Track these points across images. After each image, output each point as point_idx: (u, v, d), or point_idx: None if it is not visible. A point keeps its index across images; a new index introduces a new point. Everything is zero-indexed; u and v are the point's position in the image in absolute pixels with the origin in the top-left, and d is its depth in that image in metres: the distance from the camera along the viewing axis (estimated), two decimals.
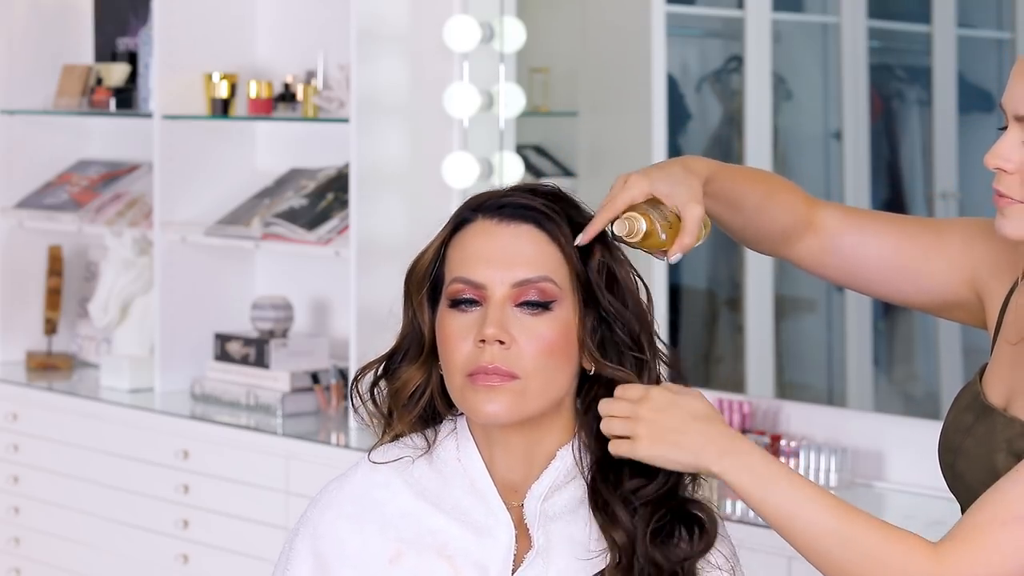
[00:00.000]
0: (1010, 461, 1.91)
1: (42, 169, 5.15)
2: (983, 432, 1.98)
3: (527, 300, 1.84)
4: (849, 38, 4.37)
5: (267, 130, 4.76)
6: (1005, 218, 1.90)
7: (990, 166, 1.90)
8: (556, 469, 1.87)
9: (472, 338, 1.83)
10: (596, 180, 4.44)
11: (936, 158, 4.33)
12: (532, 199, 1.88)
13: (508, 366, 1.82)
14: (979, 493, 1.94)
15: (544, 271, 1.84)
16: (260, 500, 4.09)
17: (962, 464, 2.01)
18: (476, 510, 1.87)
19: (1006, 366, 2.00)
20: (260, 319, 4.42)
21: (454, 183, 4.19)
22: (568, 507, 1.87)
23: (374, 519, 1.89)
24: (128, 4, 5.03)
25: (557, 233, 1.86)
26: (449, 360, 1.85)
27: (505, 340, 1.81)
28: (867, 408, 4.00)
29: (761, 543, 3.18)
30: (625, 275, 1.90)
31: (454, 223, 1.90)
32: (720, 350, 4.47)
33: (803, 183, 4.22)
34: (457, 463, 1.90)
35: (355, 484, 1.93)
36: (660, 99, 4.30)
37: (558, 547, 1.86)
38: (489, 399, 1.82)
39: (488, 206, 1.88)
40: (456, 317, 1.85)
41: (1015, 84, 1.89)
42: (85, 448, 4.53)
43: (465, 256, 1.86)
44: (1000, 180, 1.89)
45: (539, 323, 1.83)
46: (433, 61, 4.25)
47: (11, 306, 5.09)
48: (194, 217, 4.65)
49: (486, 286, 1.84)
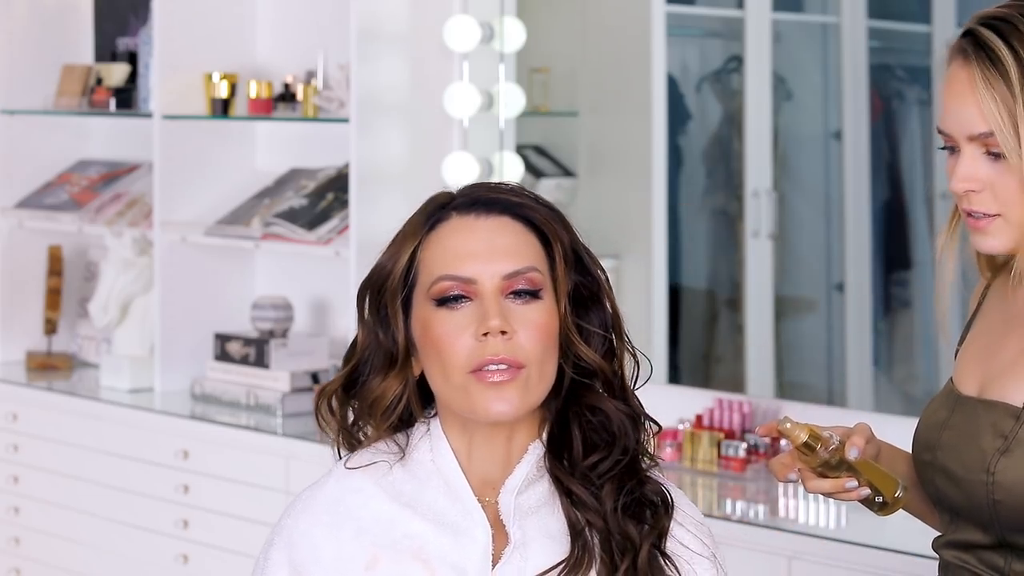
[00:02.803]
0: (997, 442, 1.93)
1: (42, 169, 5.15)
2: (961, 421, 2.01)
3: (518, 290, 1.84)
4: (849, 38, 4.37)
5: (267, 130, 4.76)
6: (987, 235, 1.93)
7: (959, 190, 1.93)
8: (528, 463, 1.88)
9: (470, 333, 1.82)
10: (596, 180, 4.44)
11: (936, 158, 4.33)
12: (500, 193, 1.89)
13: (512, 355, 1.81)
14: (968, 482, 1.96)
15: (529, 261, 1.85)
16: (260, 500, 4.09)
17: (943, 457, 2.02)
18: (452, 511, 1.87)
19: (977, 359, 2.03)
20: (260, 319, 4.42)
21: (454, 183, 4.18)
22: (542, 500, 1.87)
23: (349, 525, 1.88)
24: (128, 4, 5.03)
25: (535, 219, 1.87)
26: (448, 359, 1.83)
27: (508, 331, 1.81)
28: (867, 408, 4.00)
29: (761, 543, 3.18)
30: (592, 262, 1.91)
31: (426, 223, 1.88)
32: (720, 350, 4.47)
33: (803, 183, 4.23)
34: (431, 464, 1.89)
35: (328, 491, 1.92)
36: (660, 99, 4.30)
37: (535, 541, 1.86)
38: (499, 397, 1.81)
39: (460, 204, 1.88)
40: (448, 315, 1.84)
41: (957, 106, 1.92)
42: (85, 448, 4.53)
43: (446, 254, 1.85)
44: (971, 200, 1.93)
45: (531, 311, 1.84)
46: (433, 61, 4.25)
47: (11, 306, 5.08)
48: (194, 217, 4.65)
49: (476, 280, 1.83)
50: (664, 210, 4.30)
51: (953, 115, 1.93)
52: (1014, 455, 1.93)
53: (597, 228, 4.35)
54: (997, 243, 1.94)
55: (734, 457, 3.56)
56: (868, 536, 3.10)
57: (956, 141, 1.93)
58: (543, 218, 1.88)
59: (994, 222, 1.93)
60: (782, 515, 3.35)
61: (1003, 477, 1.94)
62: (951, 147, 1.95)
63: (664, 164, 4.30)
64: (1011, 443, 1.93)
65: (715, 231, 4.57)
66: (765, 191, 4.36)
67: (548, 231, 1.87)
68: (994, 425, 1.96)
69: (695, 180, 4.56)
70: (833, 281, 4.47)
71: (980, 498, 1.96)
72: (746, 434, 3.63)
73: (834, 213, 4.44)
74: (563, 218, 1.90)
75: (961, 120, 1.92)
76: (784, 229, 4.41)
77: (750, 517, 3.33)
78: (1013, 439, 1.93)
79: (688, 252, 4.52)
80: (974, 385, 2.02)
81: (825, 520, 3.30)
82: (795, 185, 4.48)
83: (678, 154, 4.45)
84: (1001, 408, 1.96)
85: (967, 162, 1.92)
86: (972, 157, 1.92)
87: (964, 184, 1.92)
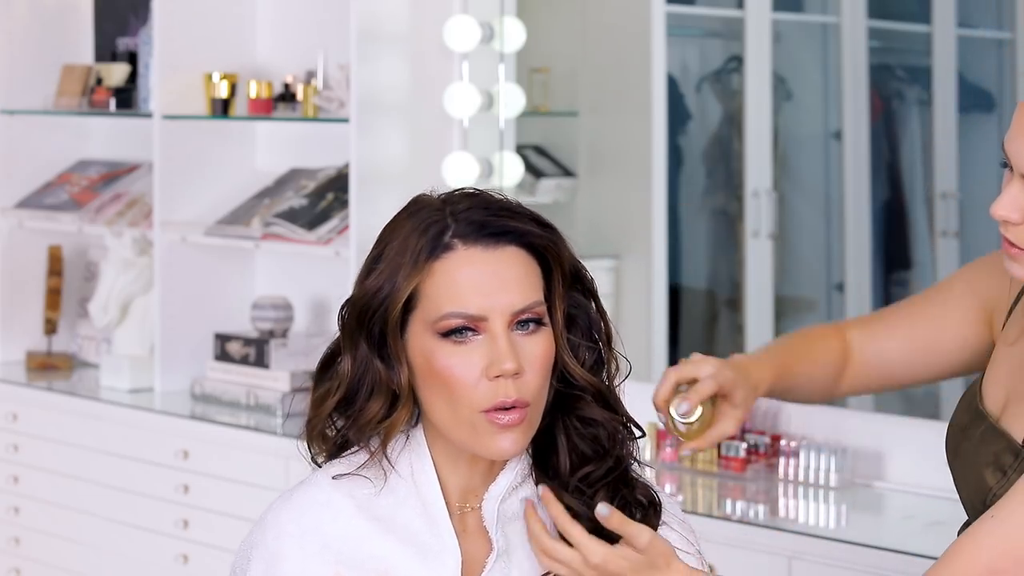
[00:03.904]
0: (996, 476, 1.93)
1: (42, 169, 5.15)
2: (973, 436, 2.00)
3: (523, 320, 1.81)
4: (849, 38, 4.37)
5: (267, 130, 4.76)
6: (1016, 263, 1.92)
7: (997, 217, 1.92)
8: (512, 470, 1.87)
9: (481, 371, 1.79)
10: (596, 180, 4.44)
11: (936, 158, 4.34)
12: (500, 217, 1.84)
13: (522, 395, 1.80)
14: (972, 504, 1.95)
15: (536, 294, 1.82)
16: (260, 500, 4.08)
17: (958, 468, 2.02)
18: (425, 532, 1.85)
19: (1004, 370, 2.02)
20: (260, 319, 4.42)
21: (454, 183, 4.19)
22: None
23: (314, 540, 1.85)
24: (128, 4, 5.03)
25: (536, 244, 1.84)
26: (458, 396, 1.80)
27: (520, 372, 1.80)
28: (867, 408, 4.00)
29: (761, 543, 3.18)
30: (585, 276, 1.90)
31: (429, 252, 1.82)
32: (720, 350, 4.47)
33: (803, 183, 4.23)
34: (411, 481, 1.87)
35: (295, 503, 1.89)
36: (660, 99, 4.30)
37: (519, 548, 1.85)
38: (505, 437, 1.79)
39: (464, 232, 1.82)
40: (455, 349, 1.80)
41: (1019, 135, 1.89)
42: (85, 448, 4.53)
43: (454, 289, 1.81)
44: (1007, 230, 1.91)
45: (534, 343, 1.81)
46: (433, 61, 4.25)
47: (11, 306, 5.08)
48: (194, 217, 4.65)
49: (487, 318, 1.80)
50: (664, 210, 4.30)
51: (1016, 142, 1.89)
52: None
53: (597, 228, 4.35)
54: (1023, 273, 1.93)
55: (734, 457, 3.56)
56: (868, 536, 3.10)
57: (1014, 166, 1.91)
58: (545, 244, 1.84)
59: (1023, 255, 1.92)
60: (782, 515, 3.35)
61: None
62: (1009, 166, 1.92)
63: (664, 164, 4.30)
64: (1008, 481, 1.93)
65: (715, 231, 4.57)
66: (765, 191, 4.36)
67: (551, 256, 1.85)
68: (996, 457, 1.96)
69: (695, 180, 4.56)
70: (833, 281, 4.48)
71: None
72: (746, 434, 3.63)
73: (834, 213, 4.45)
74: (560, 238, 1.87)
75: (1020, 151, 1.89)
76: (784, 229, 4.42)
77: (750, 517, 3.33)
78: (1011, 475, 1.93)
79: (688, 252, 4.52)
80: (999, 400, 2.01)
81: (825, 520, 3.30)
82: (795, 185, 4.49)
83: (678, 154, 4.45)
84: (1005, 441, 1.96)
85: (1012, 193, 1.90)
86: (1018, 189, 1.90)
87: (1005, 213, 1.90)
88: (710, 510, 3.38)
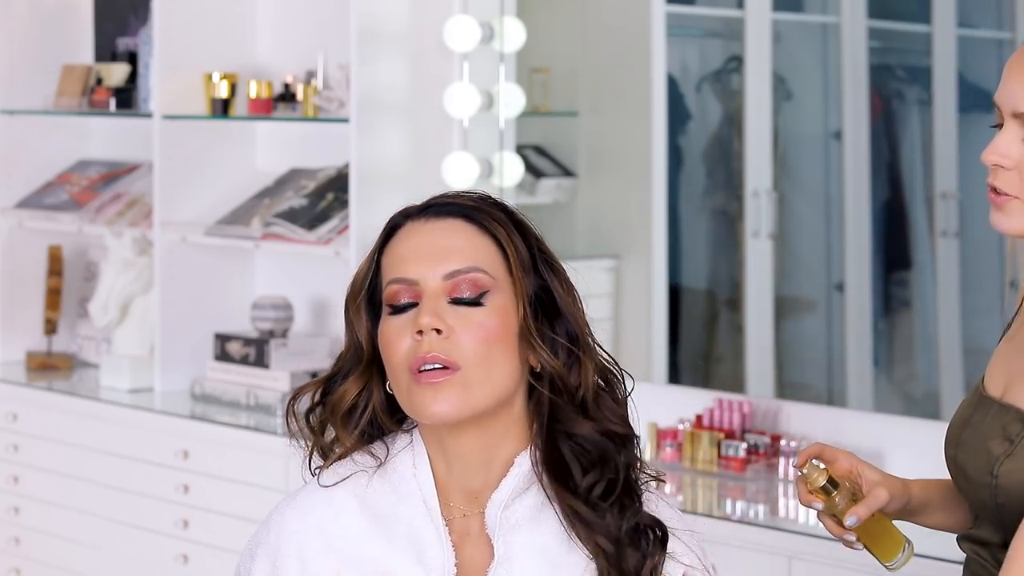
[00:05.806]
0: (1004, 445, 1.94)
1: (42, 169, 5.15)
2: (979, 421, 2.01)
3: (460, 297, 1.82)
4: (849, 38, 4.37)
5: (267, 130, 4.76)
6: (1003, 214, 1.92)
7: (988, 162, 1.91)
8: (515, 476, 1.85)
9: (410, 334, 1.81)
10: (596, 180, 4.44)
11: (936, 158, 4.33)
12: (456, 198, 1.88)
13: (447, 354, 1.79)
14: (978, 483, 1.96)
15: (474, 261, 1.83)
16: (260, 500, 4.08)
17: (962, 456, 2.03)
18: (425, 532, 1.85)
19: (1002, 360, 2.03)
20: (260, 319, 4.42)
21: (454, 183, 4.19)
22: (529, 514, 1.85)
23: (317, 539, 1.86)
24: (128, 4, 5.03)
25: (487, 222, 1.86)
26: (390, 361, 1.83)
27: (442, 328, 1.80)
28: (867, 408, 4.00)
29: (761, 543, 3.18)
30: (561, 269, 1.90)
31: (385, 234, 1.89)
32: (720, 350, 4.47)
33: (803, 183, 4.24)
34: (413, 480, 1.87)
35: (299, 503, 1.90)
36: (660, 99, 4.30)
37: (521, 556, 1.83)
38: (435, 398, 1.79)
39: (414, 210, 1.88)
40: (394, 320, 1.83)
41: (1010, 80, 1.91)
42: (85, 448, 4.53)
43: (396, 258, 1.85)
44: (997, 176, 1.91)
45: (476, 313, 1.82)
46: (433, 61, 4.25)
47: (11, 306, 5.09)
48: (194, 217, 4.65)
49: (418, 281, 1.82)
50: (664, 210, 4.30)
51: (1007, 87, 1.91)
52: (1017, 459, 1.93)
53: (597, 228, 4.35)
54: (1009, 224, 1.93)
55: (734, 457, 3.57)
56: None
57: (1002, 115, 1.92)
58: (495, 221, 1.85)
59: (1011, 202, 1.92)
60: (782, 515, 3.35)
61: (1006, 480, 1.94)
62: (999, 125, 1.93)
63: (664, 164, 4.30)
64: (1016, 447, 1.93)
65: (715, 231, 4.57)
66: (765, 191, 4.36)
67: (500, 235, 1.85)
68: (1004, 428, 1.96)
69: (695, 180, 4.56)
70: (833, 281, 4.47)
71: (986, 499, 1.97)
72: (746, 434, 3.63)
73: (834, 213, 4.44)
74: (522, 222, 1.88)
75: (1013, 94, 1.90)
76: (784, 229, 4.41)
77: (750, 517, 3.33)
78: (1018, 443, 1.93)
79: (688, 252, 4.52)
80: (999, 385, 2.02)
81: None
82: (795, 185, 4.48)
83: (678, 154, 4.45)
84: (1013, 412, 1.96)
85: (1005, 137, 1.90)
86: (1011, 134, 1.90)
87: (994, 157, 1.91)
88: (710, 510, 3.38)
